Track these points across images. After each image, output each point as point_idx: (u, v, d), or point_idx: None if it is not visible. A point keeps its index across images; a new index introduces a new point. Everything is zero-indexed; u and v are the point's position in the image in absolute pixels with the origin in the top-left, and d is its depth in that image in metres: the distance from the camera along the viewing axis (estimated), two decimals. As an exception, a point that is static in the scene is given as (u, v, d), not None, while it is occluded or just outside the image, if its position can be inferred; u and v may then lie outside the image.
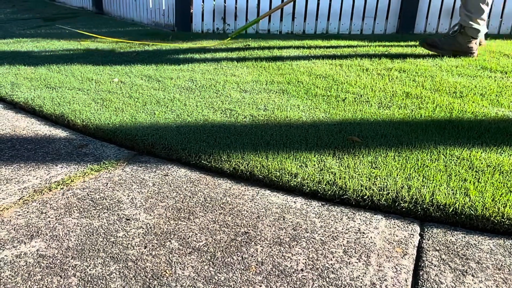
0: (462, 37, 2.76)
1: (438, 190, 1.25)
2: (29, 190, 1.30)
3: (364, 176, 1.34)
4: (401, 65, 2.64)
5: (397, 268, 1.00)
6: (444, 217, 1.18)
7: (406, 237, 1.11)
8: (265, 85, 2.28)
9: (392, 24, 4.08)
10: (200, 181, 1.37)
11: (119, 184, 1.35)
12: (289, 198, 1.28)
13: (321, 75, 2.46)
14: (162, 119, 1.80)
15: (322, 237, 1.11)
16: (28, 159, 1.50)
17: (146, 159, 1.53)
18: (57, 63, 2.76)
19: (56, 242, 1.06)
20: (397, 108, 1.94)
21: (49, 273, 0.96)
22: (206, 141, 1.58)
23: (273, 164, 1.41)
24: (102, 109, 1.91)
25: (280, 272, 0.98)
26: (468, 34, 2.73)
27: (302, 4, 4.05)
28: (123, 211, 1.20)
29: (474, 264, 1.02)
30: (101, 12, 5.68)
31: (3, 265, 0.98)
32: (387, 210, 1.23)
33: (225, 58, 2.90)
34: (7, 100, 2.11)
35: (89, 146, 1.62)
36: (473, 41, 2.76)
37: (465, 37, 2.76)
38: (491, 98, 2.06)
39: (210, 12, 4.05)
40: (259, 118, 1.81)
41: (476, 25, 2.69)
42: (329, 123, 1.77)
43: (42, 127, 1.80)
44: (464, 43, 2.77)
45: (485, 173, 1.36)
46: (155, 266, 0.99)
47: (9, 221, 1.14)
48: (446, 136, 1.64)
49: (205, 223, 1.15)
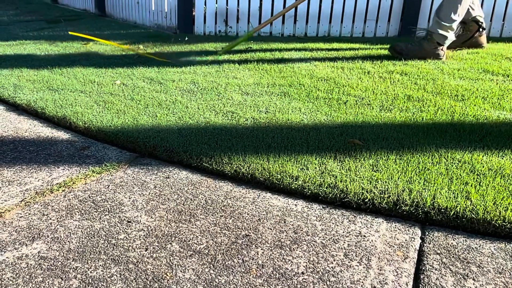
0: (428, 44, 2.83)
1: (439, 194, 1.25)
2: (31, 192, 1.31)
3: (365, 179, 1.34)
4: (403, 68, 2.64)
5: (398, 271, 1.00)
6: (445, 221, 1.17)
7: (407, 240, 1.11)
8: (267, 88, 2.28)
9: (394, 27, 4.08)
10: (201, 184, 1.38)
11: (120, 186, 1.35)
12: (290, 201, 1.28)
13: (323, 77, 2.47)
14: (164, 122, 1.80)
15: (323, 240, 1.10)
16: (30, 161, 1.50)
17: (148, 161, 1.53)
18: (60, 65, 2.78)
19: (57, 244, 1.07)
20: (398, 111, 1.94)
21: (50, 275, 0.96)
22: (207, 144, 1.58)
23: (274, 167, 1.41)
24: (104, 111, 1.92)
25: (281, 275, 0.98)
26: (435, 40, 2.80)
27: (304, 6, 4.05)
28: (124, 213, 1.20)
29: (475, 268, 1.02)
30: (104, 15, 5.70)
31: (5, 267, 0.98)
32: (388, 213, 1.22)
33: (227, 61, 2.90)
34: (9, 102, 2.12)
35: (91, 148, 1.62)
36: (440, 47, 2.82)
37: (431, 44, 2.82)
38: (493, 101, 2.06)
39: (212, 14, 4.06)
40: (261, 121, 1.82)
41: (444, 32, 2.76)
42: (330, 126, 1.77)
43: (44, 129, 1.81)
44: (430, 50, 2.83)
45: (487, 176, 1.36)
46: (156, 269, 0.99)
47: (10, 223, 1.15)
48: (447, 139, 1.64)
49: (206, 225, 1.16)
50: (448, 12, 2.73)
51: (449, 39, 2.79)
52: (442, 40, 2.79)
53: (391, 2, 4.00)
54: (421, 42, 2.87)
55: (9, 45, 3.51)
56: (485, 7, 3.91)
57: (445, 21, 2.73)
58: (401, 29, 4.06)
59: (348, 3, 4.03)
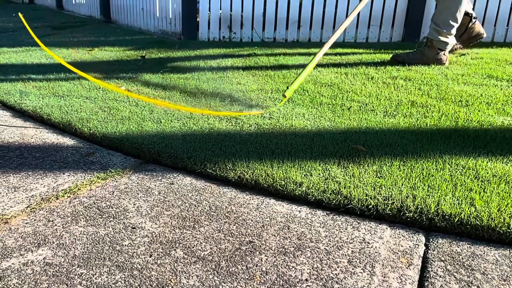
0: (429, 50, 2.85)
1: (443, 200, 1.25)
2: (37, 198, 1.32)
3: (369, 185, 1.34)
4: (407, 74, 2.65)
5: (402, 278, 1.00)
6: (449, 227, 1.17)
7: (411, 247, 1.11)
8: (270, 94, 2.29)
9: (397, 32, 4.09)
10: (205, 190, 1.38)
11: (125, 192, 1.36)
12: (294, 207, 1.29)
13: (326, 83, 2.47)
14: (168, 128, 1.81)
15: (327, 246, 1.11)
16: (36, 167, 1.52)
17: (152, 167, 1.54)
18: (65, 71, 2.80)
19: (62, 251, 1.07)
20: (402, 117, 1.95)
21: (56, 282, 0.97)
22: (211, 150, 1.59)
23: (278, 173, 1.41)
24: (108, 118, 1.93)
25: (285, 282, 0.98)
26: (436, 46, 2.82)
27: (307, 12, 4.07)
28: (129, 220, 1.21)
29: (480, 275, 1.01)
30: (109, 21, 5.75)
31: (10, 273, 0.99)
32: (392, 220, 1.22)
33: (230, 67, 2.92)
34: (16, 108, 2.14)
35: (95, 154, 1.64)
36: (441, 52, 2.84)
37: (432, 50, 2.84)
38: (497, 107, 2.05)
39: (216, 20, 4.09)
40: (264, 127, 1.82)
41: (444, 38, 2.77)
42: (334, 131, 1.78)
43: (50, 135, 1.83)
44: (432, 56, 2.85)
45: (491, 183, 1.36)
46: (160, 275, 0.99)
47: (16, 229, 1.16)
48: (451, 145, 1.64)
49: (210, 232, 1.16)
50: (446, 19, 2.74)
51: (450, 43, 2.81)
52: (444, 46, 2.81)
53: (394, 8, 4.01)
54: (422, 50, 2.88)
55: (15, 52, 3.55)
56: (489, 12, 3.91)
57: (444, 28, 2.75)
58: (404, 35, 4.07)
59: (352, 9, 4.04)
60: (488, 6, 3.90)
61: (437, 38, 2.77)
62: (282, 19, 4.09)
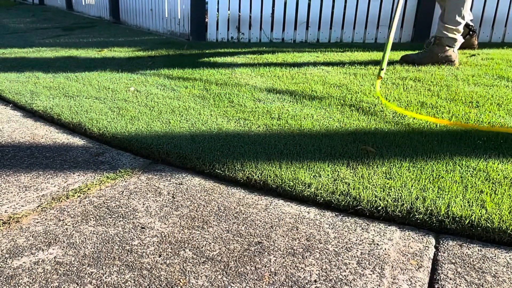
0: (438, 48, 2.87)
1: (453, 202, 1.24)
2: (47, 197, 1.33)
3: (378, 186, 1.33)
4: (416, 74, 2.63)
5: (411, 280, 0.99)
6: (460, 229, 1.16)
7: (421, 249, 1.10)
8: (279, 94, 2.29)
9: (407, 33, 4.06)
10: (214, 190, 1.39)
11: (134, 192, 1.37)
12: (303, 208, 1.28)
13: (335, 84, 2.46)
14: (177, 128, 1.82)
15: (336, 248, 1.10)
16: (46, 167, 1.53)
17: (161, 167, 1.55)
18: (75, 72, 2.82)
19: (73, 250, 1.08)
20: (412, 117, 1.93)
21: (66, 280, 0.97)
22: (220, 150, 1.59)
23: (286, 174, 1.41)
24: (118, 118, 1.94)
25: (293, 283, 0.98)
26: (444, 43, 2.84)
27: (316, 13, 4.06)
28: (138, 220, 1.22)
29: (491, 277, 1.00)
30: (118, 22, 5.78)
31: (21, 271, 1.00)
32: (401, 222, 1.22)
33: (239, 67, 2.92)
34: (26, 108, 2.17)
35: (105, 154, 1.65)
36: (450, 49, 2.85)
37: (441, 47, 2.85)
38: (508, 108, 2.03)
39: (224, 21, 4.09)
40: (273, 128, 1.82)
41: (451, 35, 2.80)
42: (343, 132, 1.77)
43: (60, 135, 1.84)
44: (441, 53, 2.86)
45: (502, 184, 1.34)
46: (169, 275, 1.00)
47: (27, 228, 1.17)
48: (462, 147, 1.62)
49: (219, 232, 1.16)
50: (452, 15, 2.78)
51: (459, 41, 2.83)
52: (452, 43, 2.83)
53: (404, 8, 3.98)
54: (431, 48, 2.89)
55: (26, 52, 3.58)
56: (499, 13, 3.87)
57: (451, 24, 2.78)
58: (414, 35, 4.04)
59: (361, 9, 4.02)
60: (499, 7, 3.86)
61: (445, 35, 2.80)
62: (291, 19, 4.08)
